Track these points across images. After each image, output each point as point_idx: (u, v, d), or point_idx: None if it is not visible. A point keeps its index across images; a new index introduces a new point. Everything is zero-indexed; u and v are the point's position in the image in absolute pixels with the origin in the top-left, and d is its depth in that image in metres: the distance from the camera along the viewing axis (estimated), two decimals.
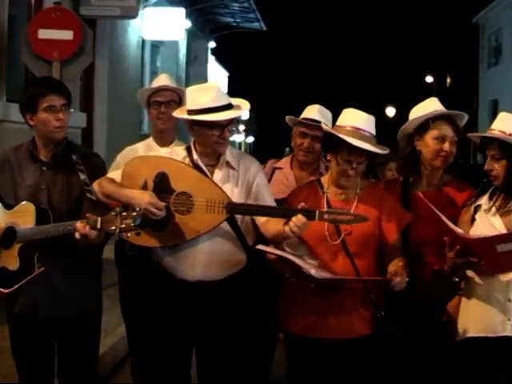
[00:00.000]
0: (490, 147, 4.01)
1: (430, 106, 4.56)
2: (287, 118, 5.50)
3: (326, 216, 3.84)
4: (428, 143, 4.44)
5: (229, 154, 4.34)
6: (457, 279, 4.05)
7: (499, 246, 3.68)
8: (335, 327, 4.16)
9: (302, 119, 5.32)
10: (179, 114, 4.35)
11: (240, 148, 48.07)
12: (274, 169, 5.47)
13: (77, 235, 3.94)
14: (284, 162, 5.44)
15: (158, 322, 4.36)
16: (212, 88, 4.28)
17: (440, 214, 3.89)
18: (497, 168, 3.99)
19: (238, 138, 47.40)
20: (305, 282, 4.05)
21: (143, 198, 3.96)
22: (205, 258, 4.21)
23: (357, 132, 4.15)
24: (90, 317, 4.39)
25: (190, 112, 4.20)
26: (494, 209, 4.06)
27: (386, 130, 5.04)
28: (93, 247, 4.10)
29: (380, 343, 4.15)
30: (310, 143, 5.22)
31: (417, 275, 4.17)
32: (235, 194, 4.25)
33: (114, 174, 4.32)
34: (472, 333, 4.03)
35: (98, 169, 4.38)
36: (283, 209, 4.18)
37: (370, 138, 4.18)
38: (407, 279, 3.97)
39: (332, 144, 4.24)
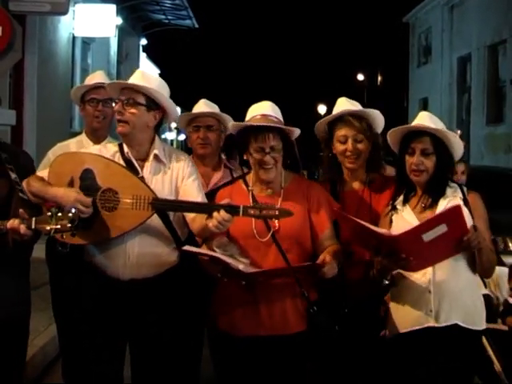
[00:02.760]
0: (421, 142, 4.04)
1: (339, 107, 4.60)
2: (179, 117, 5.32)
3: (250, 211, 3.83)
4: (335, 146, 4.53)
5: (159, 149, 4.33)
6: (387, 282, 4.09)
7: (425, 236, 3.70)
8: (268, 324, 4.14)
9: (192, 114, 5.27)
10: None
11: (172, 146, 47.83)
12: None
13: (12, 235, 3.83)
14: None
15: (90, 322, 4.31)
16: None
17: (361, 221, 3.91)
18: (426, 163, 4.03)
19: (169, 135, 47.17)
20: (236, 281, 4.04)
21: (69, 196, 3.94)
22: (136, 257, 4.19)
23: (263, 118, 4.18)
24: (17, 318, 4.19)
25: None
26: (408, 207, 4.14)
27: None
28: (22, 247, 3.99)
29: (316, 338, 4.15)
30: (205, 133, 5.17)
31: (346, 276, 4.24)
32: (165, 189, 4.25)
33: (43, 172, 4.27)
34: (401, 329, 4.09)
35: (28, 167, 4.29)
36: (208, 205, 4.17)
37: (277, 123, 4.20)
38: (337, 266, 4.02)
39: (242, 143, 4.25)
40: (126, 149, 4.29)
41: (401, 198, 4.21)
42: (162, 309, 4.28)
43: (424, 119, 4.12)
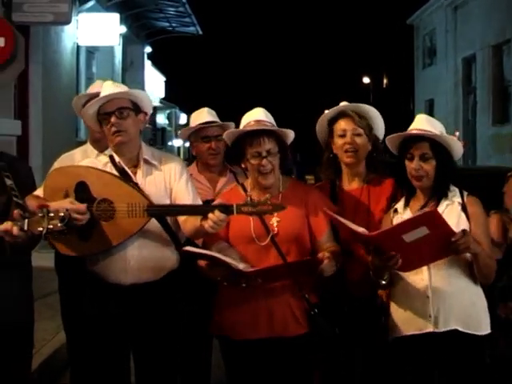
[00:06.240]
0: (419, 147, 4.03)
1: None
2: (182, 130, 5.51)
3: (244, 209, 3.83)
4: (335, 142, 4.56)
5: (147, 153, 4.36)
6: (384, 282, 4.06)
7: (405, 236, 3.68)
8: (269, 327, 4.14)
9: (199, 125, 5.39)
10: None
11: (178, 153, 47.81)
12: None
13: (5, 237, 3.79)
14: (191, 169, 5.38)
15: (94, 330, 4.33)
16: None
17: (342, 219, 3.91)
18: (425, 167, 4.01)
19: (176, 142, 47.18)
20: (236, 284, 4.03)
21: (64, 207, 3.92)
22: (137, 262, 4.21)
23: (257, 123, 4.21)
24: (20, 327, 4.14)
25: None
26: (409, 211, 4.12)
27: None
28: (20, 251, 3.99)
29: (316, 341, 4.14)
30: (216, 144, 5.32)
31: (346, 274, 4.26)
32: (159, 190, 4.29)
33: (38, 190, 4.26)
34: (401, 333, 4.08)
35: (23, 172, 4.28)
36: (201, 206, 4.22)
37: (271, 127, 4.21)
38: (335, 264, 4.02)
39: (237, 152, 4.27)
40: (117, 158, 4.31)
41: (402, 200, 4.20)
42: (164, 313, 4.30)
43: (421, 123, 4.10)
